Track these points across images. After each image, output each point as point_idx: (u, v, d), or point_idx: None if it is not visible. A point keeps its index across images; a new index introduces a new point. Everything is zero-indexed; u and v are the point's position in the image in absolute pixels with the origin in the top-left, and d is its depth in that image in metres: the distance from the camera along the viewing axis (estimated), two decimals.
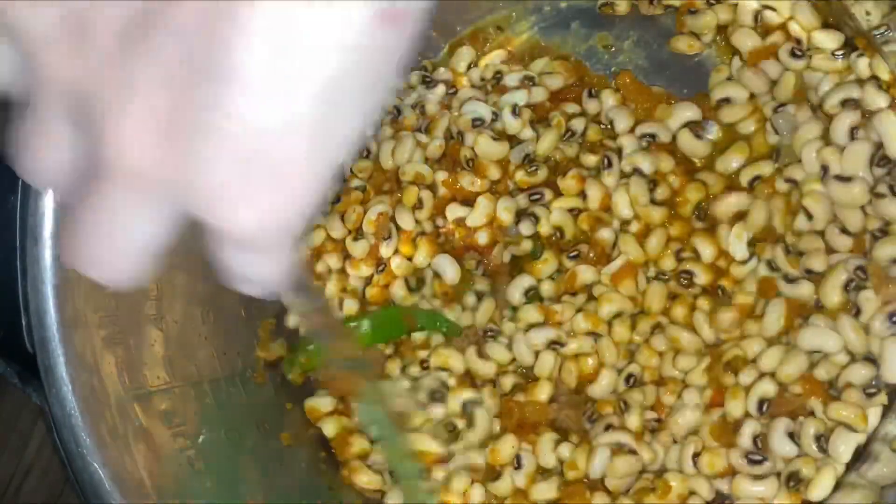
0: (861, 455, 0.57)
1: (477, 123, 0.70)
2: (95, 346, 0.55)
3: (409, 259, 0.70)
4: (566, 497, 0.62)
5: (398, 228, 0.70)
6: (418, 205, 0.69)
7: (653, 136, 0.67)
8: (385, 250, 0.69)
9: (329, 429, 0.69)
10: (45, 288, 0.54)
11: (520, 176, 0.69)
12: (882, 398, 0.57)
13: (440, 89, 0.73)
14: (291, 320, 0.72)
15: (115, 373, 0.56)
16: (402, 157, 0.71)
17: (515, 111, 0.70)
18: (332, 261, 0.71)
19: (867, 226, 0.60)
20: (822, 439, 0.57)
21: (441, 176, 0.69)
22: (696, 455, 0.60)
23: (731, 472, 0.59)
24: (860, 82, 0.61)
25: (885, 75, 0.60)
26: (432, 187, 0.70)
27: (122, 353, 0.57)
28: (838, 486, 0.56)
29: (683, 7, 0.69)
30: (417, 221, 0.70)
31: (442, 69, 0.75)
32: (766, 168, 0.64)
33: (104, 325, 0.56)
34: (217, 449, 0.61)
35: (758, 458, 0.58)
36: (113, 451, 0.54)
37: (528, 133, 0.70)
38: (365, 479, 0.67)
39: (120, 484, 0.53)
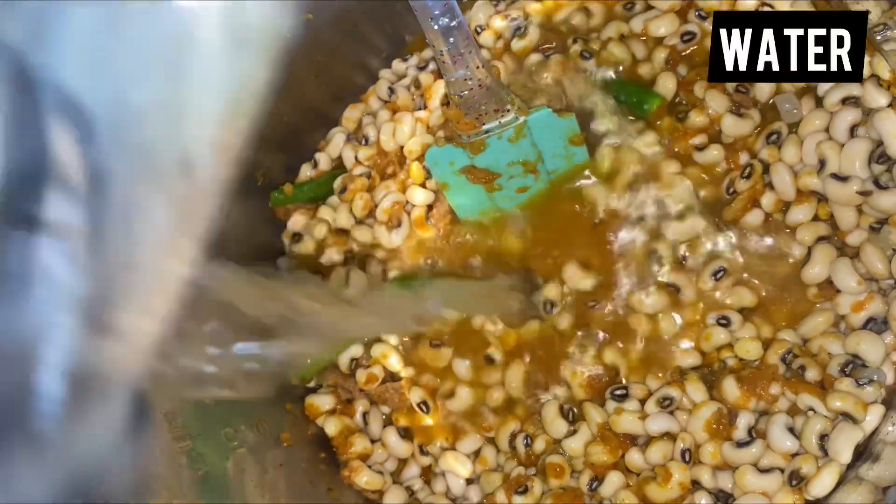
0: (862, 455, 0.56)
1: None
2: None
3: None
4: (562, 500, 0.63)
5: (409, 216, 0.71)
6: (428, 175, 0.70)
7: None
8: (395, 238, 0.70)
9: (330, 428, 0.69)
10: None
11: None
12: (876, 389, 0.57)
13: (431, 66, 0.74)
14: None
15: None
16: (403, 135, 0.71)
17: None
18: (333, 254, 0.71)
19: (860, 222, 0.61)
20: (824, 438, 0.57)
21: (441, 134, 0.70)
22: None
23: (733, 467, 0.60)
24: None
25: (885, 74, 0.60)
26: None
27: None
28: (839, 484, 0.56)
29: None
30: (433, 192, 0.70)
31: (428, 51, 0.75)
32: None
33: None
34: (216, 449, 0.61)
35: (746, 440, 0.59)
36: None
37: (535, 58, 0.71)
38: (365, 479, 0.67)
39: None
